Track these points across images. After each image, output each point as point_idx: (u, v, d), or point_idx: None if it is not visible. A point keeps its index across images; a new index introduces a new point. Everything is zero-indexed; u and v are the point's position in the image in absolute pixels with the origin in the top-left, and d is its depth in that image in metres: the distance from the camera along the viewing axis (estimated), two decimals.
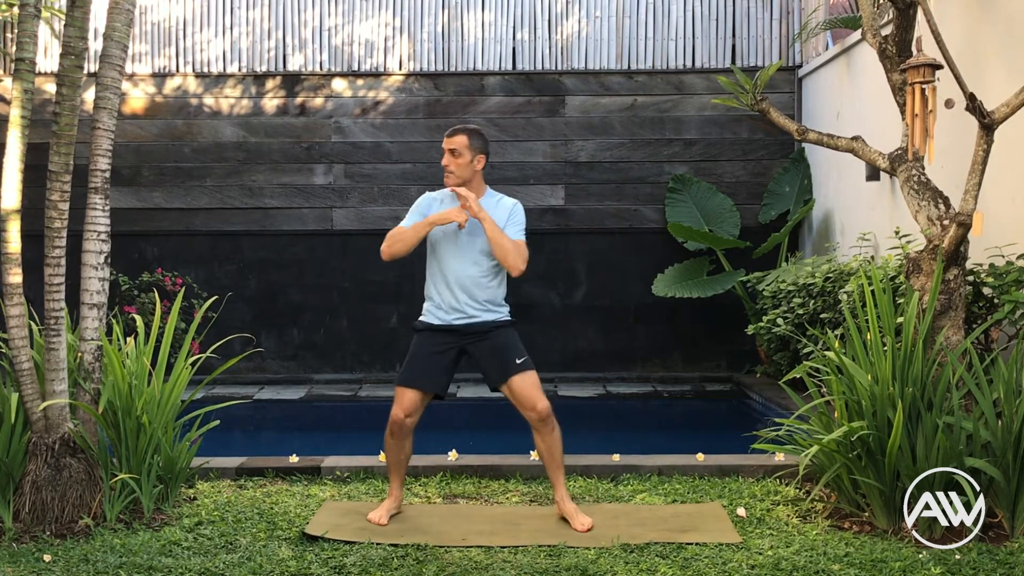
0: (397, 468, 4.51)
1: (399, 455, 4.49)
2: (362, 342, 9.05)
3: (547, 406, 4.37)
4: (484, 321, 4.45)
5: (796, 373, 4.83)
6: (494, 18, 9.06)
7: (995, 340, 4.77)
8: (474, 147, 4.43)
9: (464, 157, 4.42)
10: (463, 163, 4.42)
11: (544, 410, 4.35)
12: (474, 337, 4.45)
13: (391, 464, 4.52)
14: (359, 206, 8.99)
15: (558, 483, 4.44)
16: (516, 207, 4.52)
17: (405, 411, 4.39)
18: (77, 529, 4.23)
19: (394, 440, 4.45)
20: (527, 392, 4.35)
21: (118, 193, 8.69)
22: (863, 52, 7.21)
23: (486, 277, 4.45)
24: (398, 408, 4.41)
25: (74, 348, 4.55)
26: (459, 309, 4.45)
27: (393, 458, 4.50)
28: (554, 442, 4.41)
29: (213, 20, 9.11)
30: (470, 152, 4.43)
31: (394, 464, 4.51)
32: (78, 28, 4.41)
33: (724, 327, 8.74)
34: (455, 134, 4.46)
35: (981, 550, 3.92)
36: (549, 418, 4.37)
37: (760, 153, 8.98)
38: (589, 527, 4.27)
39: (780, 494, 4.75)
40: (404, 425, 4.41)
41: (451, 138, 4.45)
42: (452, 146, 4.43)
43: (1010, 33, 5.30)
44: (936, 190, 4.67)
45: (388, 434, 4.46)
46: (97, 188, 4.53)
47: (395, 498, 4.52)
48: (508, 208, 4.50)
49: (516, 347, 4.43)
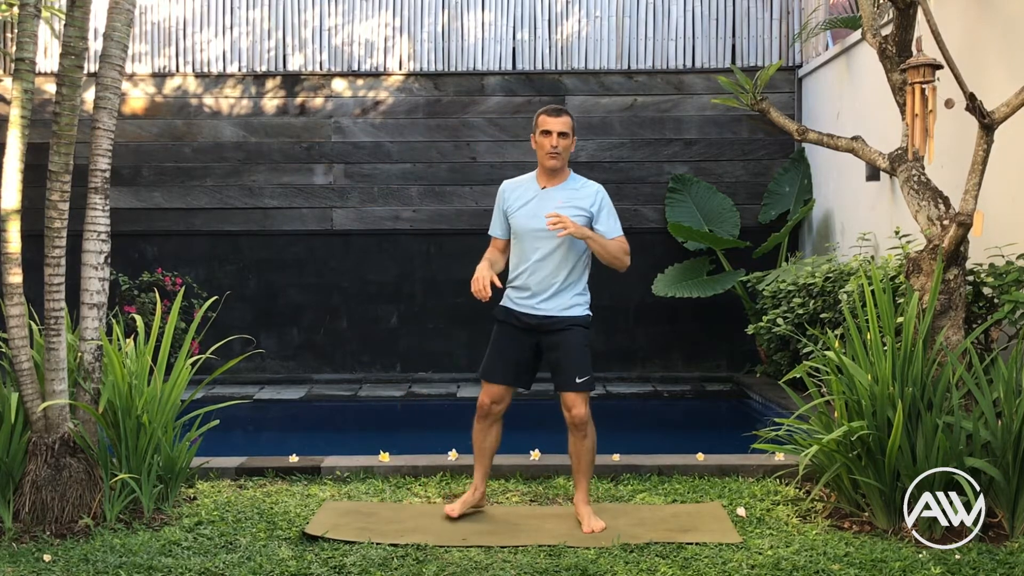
0: (480, 457, 4.51)
1: (484, 444, 4.50)
2: (362, 342, 9.04)
3: (583, 413, 4.31)
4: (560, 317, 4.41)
5: (796, 373, 4.83)
6: (494, 18, 9.06)
7: (995, 340, 4.77)
8: (575, 128, 4.43)
9: (571, 138, 4.39)
10: (570, 144, 4.39)
11: (579, 417, 4.31)
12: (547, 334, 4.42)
13: (479, 452, 4.51)
14: (359, 206, 8.99)
15: (580, 486, 4.42)
16: (601, 194, 4.42)
17: (492, 398, 4.43)
18: (77, 529, 4.23)
19: (480, 425, 4.50)
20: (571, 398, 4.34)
21: (118, 193, 8.69)
22: (863, 52, 7.21)
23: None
24: (485, 396, 4.45)
25: (74, 348, 4.55)
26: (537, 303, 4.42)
27: (480, 445, 4.50)
28: (583, 450, 4.37)
29: (213, 20, 9.11)
30: (574, 134, 4.42)
31: (480, 453, 4.50)
32: (78, 28, 4.41)
33: (724, 327, 8.74)
34: (561, 114, 4.37)
35: (981, 550, 3.92)
36: (584, 425, 4.33)
37: (760, 153, 8.98)
38: (598, 529, 4.24)
39: (780, 494, 4.75)
40: (491, 412, 4.45)
41: (559, 119, 4.35)
42: (564, 128, 4.34)
43: (1010, 33, 5.30)
44: (936, 190, 4.67)
45: (476, 418, 4.50)
46: (97, 188, 4.53)
47: (476, 490, 4.50)
48: (592, 195, 4.41)
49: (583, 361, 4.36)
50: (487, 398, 4.43)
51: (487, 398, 4.43)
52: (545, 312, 4.37)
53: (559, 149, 4.33)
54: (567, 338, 4.36)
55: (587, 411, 4.32)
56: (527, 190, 4.43)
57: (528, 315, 4.38)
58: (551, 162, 4.35)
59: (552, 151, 4.33)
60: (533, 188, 4.43)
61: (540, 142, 4.36)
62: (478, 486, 4.50)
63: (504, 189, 4.51)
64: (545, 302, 4.37)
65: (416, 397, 8.18)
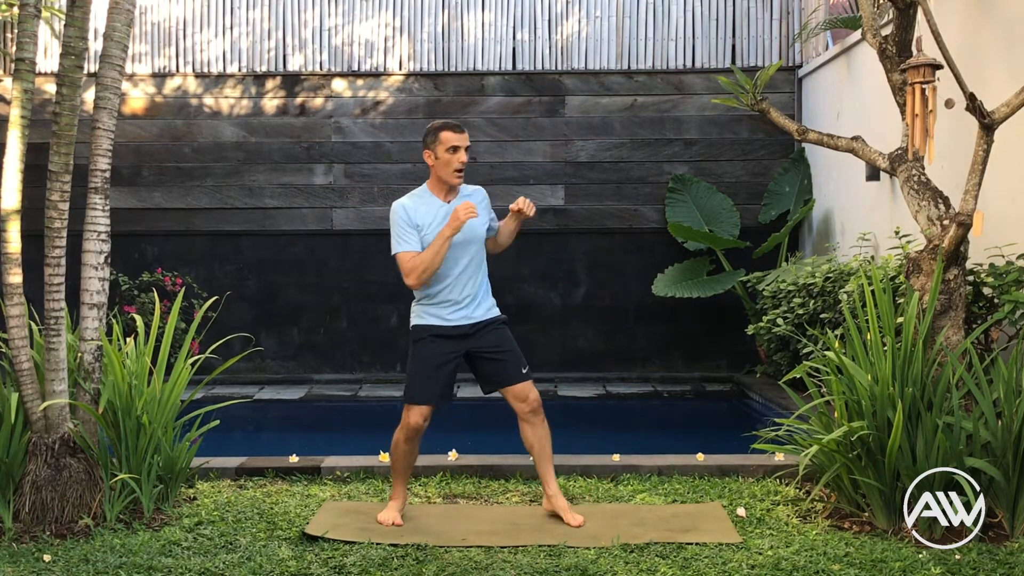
0: (407, 471, 4.51)
1: (411, 460, 4.49)
2: (362, 342, 9.05)
3: (538, 396, 4.42)
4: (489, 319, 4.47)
5: (796, 373, 4.83)
6: (494, 18, 9.06)
7: (995, 340, 4.77)
8: None
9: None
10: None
11: (536, 400, 4.40)
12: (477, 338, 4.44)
13: (405, 468, 4.48)
14: (359, 206, 8.99)
15: (551, 478, 4.45)
16: (484, 193, 4.55)
17: (425, 418, 4.38)
18: (77, 529, 4.23)
19: (409, 445, 4.43)
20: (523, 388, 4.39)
21: (118, 193, 8.69)
22: (863, 52, 7.21)
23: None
24: (418, 417, 4.35)
25: (74, 348, 4.55)
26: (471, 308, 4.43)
27: (407, 462, 4.47)
28: (545, 433, 4.43)
29: (213, 20, 9.12)
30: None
31: (406, 468, 4.49)
32: (78, 28, 4.41)
33: (724, 327, 8.74)
34: (464, 130, 4.41)
35: (981, 550, 3.92)
36: (540, 408, 4.40)
37: (760, 153, 8.98)
38: (581, 523, 4.31)
39: (780, 494, 4.75)
40: (421, 431, 4.42)
41: (464, 134, 4.38)
42: (468, 144, 4.40)
43: (1010, 33, 5.30)
44: (936, 190, 4.67)
45: (404, 439, 4.40)
46: (97, 188, 4.53)
47: (405, 498, 4.52)
48: (484, 197, 4.53)
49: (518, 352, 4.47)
50: (421, 419, 4.33)
51: (421, 419, 4.33)
52: (478, 318, 4.42)
53: (465, 165, 4.37)
54: (503, 336, 4.46)
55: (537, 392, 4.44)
56: (431, 207, 4.38)
57: (462, 325, 4.40)
58: (458, 179, 4.38)
59: (461, 167, 4.35)
60: (436, 204, 4.39)
61: (448, 159, 4.33)
62: (405, 494, 4.52)
63: (406, 209, 4.33)
64: (477, 308, 4.42)
65: None
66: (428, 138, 4.38)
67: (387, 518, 4.37)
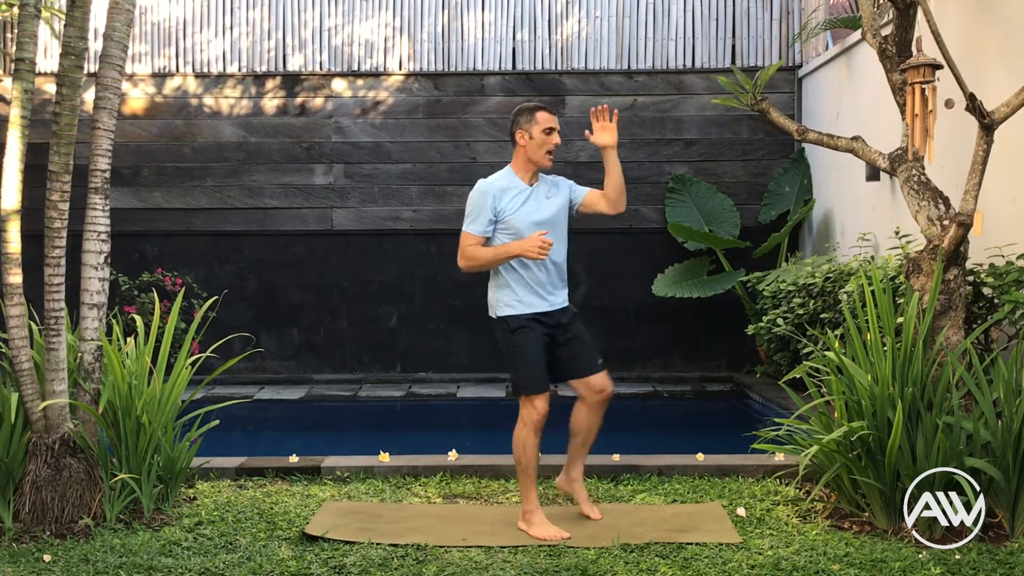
0: (536, 471, 4.30)
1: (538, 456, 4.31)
2: (362, 342, 9.04)
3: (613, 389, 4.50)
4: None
5: (796, 373, 4.83)
6: (494, 18, 9.06)
7: (995, 340, 4.77)
8: None
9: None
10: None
11: (611, 393, 4.48)
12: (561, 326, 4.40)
13: (536, 467, 4.28)
14: (359, 206, 8.99)
15: (581, 464, 4.49)
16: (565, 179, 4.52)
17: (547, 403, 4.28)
18: (77, 529, 4.23)
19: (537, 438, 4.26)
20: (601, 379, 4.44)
21: (118, 193, 8.68)
22: (863, 52, 7.21)
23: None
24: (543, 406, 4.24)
25: (74, 348, 4.55)
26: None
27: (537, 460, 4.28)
28: (598, 426, 4.48)
29: (213, 20, 9.11)
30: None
31: (536, 467, 4.29)
32: (78, 28, 4.41)
33: (724, 327, 8.74)
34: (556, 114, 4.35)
35: (981, 550, 3.92)
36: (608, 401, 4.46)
37: (760, 153, 8.98)
38: (599, 517, 4.37)
39: (780, 494, 4.75)
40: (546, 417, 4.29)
41: (556, 116, 4.34)
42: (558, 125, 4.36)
43: (1010, 33, 5.30)
44: (936, 190, 4.67)
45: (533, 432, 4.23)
46: (97, 188, 4.53)
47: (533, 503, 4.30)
48: (563, 183, 4.49)
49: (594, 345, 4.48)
50: (546, 406, 4.20)
51: (546, 406, 4.20)
52: (560, 305, 4.38)
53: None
54: (578, 325, 4.44)
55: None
56: (515, 189, 4.33)
57: (550, 312, 4.33)
58: (549, 161, 4.33)
59: (553, 149, 4.31)
60: (520, 186, 4.34)
61: (543, 139, 4.29)
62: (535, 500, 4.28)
63: (494, 193, 4.29)
64: (560, 294, 4.38)
65: (416, 397, 8.18)
66: (521, 118, 4.34)
67: (550, 534, 4.12)
